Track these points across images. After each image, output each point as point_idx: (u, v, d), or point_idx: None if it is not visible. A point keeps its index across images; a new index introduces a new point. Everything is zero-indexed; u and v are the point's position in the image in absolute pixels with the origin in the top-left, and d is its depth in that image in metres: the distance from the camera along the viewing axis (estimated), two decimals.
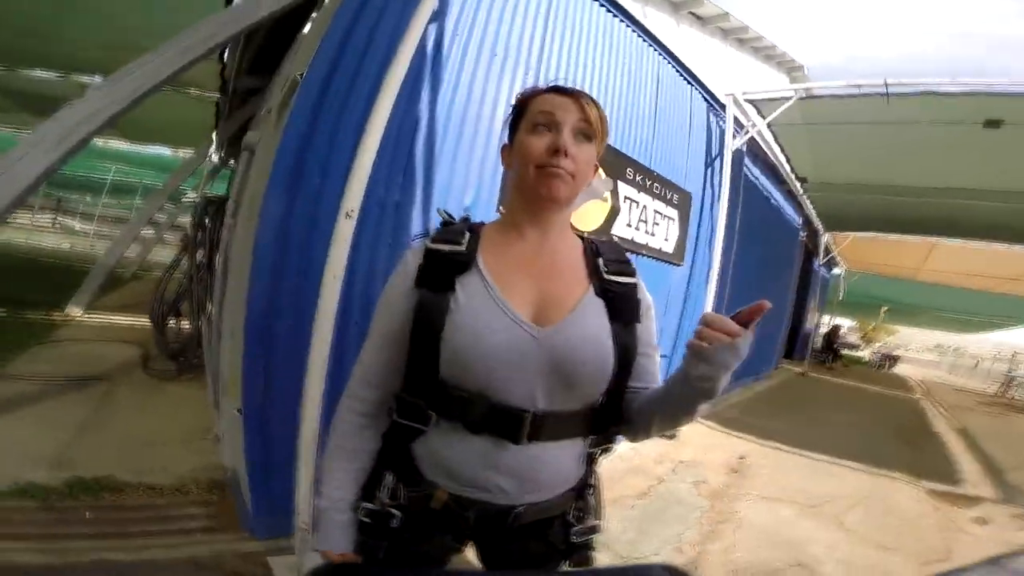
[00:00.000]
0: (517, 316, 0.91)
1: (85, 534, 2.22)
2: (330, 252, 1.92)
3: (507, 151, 1.03)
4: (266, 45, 4.35)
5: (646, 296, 1.03)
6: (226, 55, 4.86)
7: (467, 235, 0.97)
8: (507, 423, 0.91)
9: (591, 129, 0.95)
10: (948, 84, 4.53)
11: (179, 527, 2.38)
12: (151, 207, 7.71)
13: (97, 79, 5.82)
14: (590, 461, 1.04)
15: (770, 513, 3.62)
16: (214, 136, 7.00)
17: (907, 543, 3.43)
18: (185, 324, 5.22)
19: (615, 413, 1.01)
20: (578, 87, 3.05)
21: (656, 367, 1.06)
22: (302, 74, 2.18)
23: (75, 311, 6.19)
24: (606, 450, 1.05)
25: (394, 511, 0.94)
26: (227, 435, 2.76)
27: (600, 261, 1.00)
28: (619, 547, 2.87)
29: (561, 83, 1.01)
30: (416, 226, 2.58)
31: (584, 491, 1.04)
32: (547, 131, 0.93)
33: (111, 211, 20.82)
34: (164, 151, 11.84)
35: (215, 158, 7.58)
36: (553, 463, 0.96)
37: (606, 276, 0.98)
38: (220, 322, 3.14)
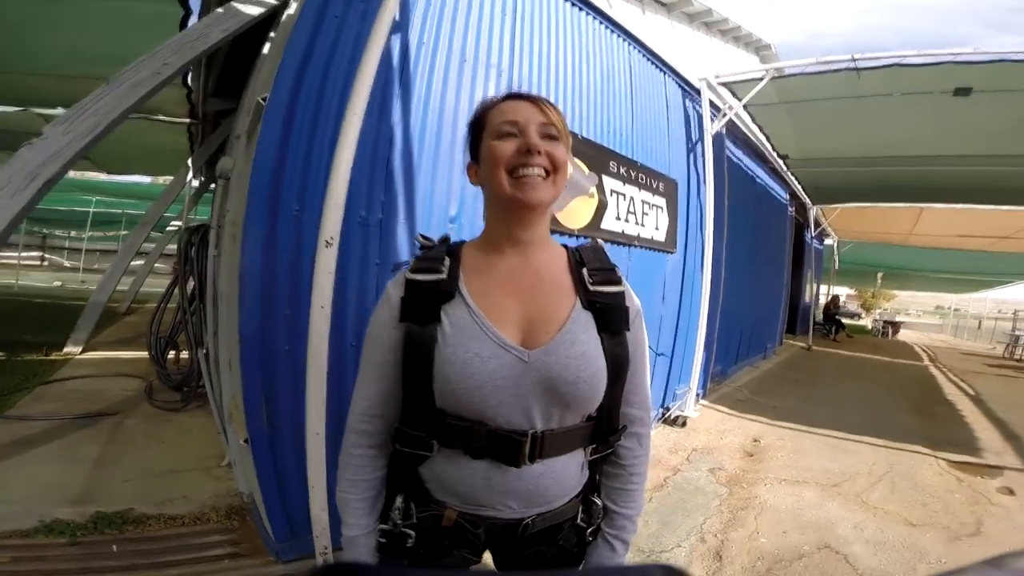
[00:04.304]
0: (505, 341, 0.90)
1: (116, 567, 2.27)
2: (314, 283, 1.88)
3: (473, 168, 1.01)
4: (229, 66, 4.29)
5: (634, 302, 1.02)
6: (189, 79, 4.81)
7: (447, 260, 0.95)
8: (507, 448, 0.91)
9: (555, 130, 0.93)
10: (914, 56, 4.56)
11: (205, 555, 2.41)
12: (136, 239, 7.63)
13: (60, 111, 5.76)
14: (592, 467, 1.05)
15: (791, 496, 3.59)
16: (190, 162, 6.96)
17: (936, 518, 3.38)
18: (184, 354, 5.19)
19: (612, 422, 1.01)
20: (552, 84, 3.03)
21: (644, 378, 1.05)
22: (265, 98, 2.13)
23: (74, 349, 6.15)
24: (606, 456, 1.05)
25: (408, 531, 0.96)
26: (239, 463, 2.76)
27: (585, 272, 0.98)
28: (641, 541, 2.85)
29: (516, 90, 1.00)
30: (403, 243, 2.54)
31: (590, 495, 1.04)
32: (513, 137, 0.91)
33: (97, 244, 20.70)
34: (143, 179, 11.82)
35: (195, 183, 7.49)
36: (557, 477, 0.96)
37: (591, 288, 0.96)
38: (218, 352, 3.09)
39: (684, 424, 4.99)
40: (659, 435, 4.73)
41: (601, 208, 3.92)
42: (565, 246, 1.04)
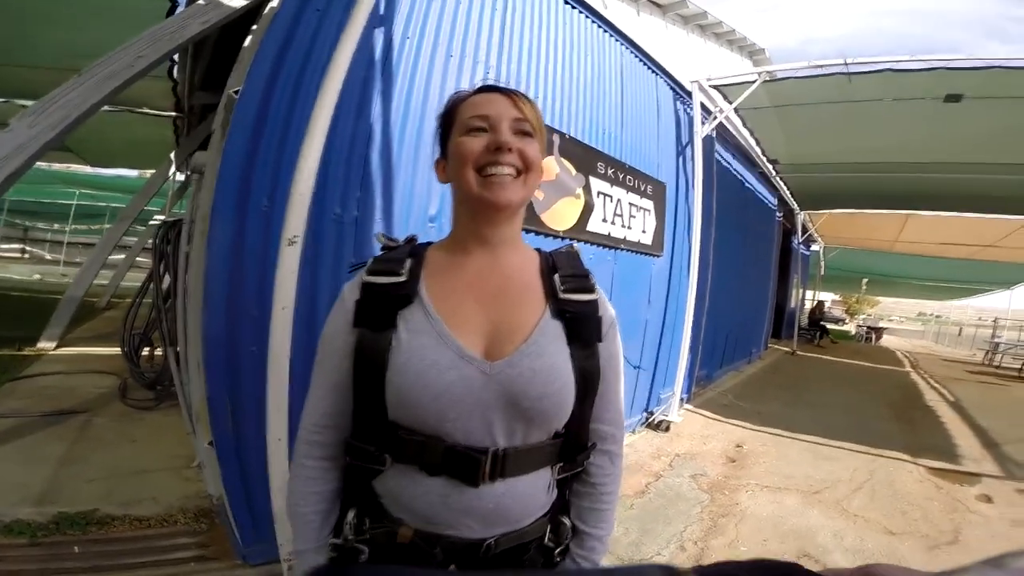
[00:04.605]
0: (465, 351, 0.83)
1: (78, 568, 2.23)
2: (276, 283, 1.82)
3: (442, 165, 0.94)
4: (216, 59, 4.19)
5: (608, 311, 0.95)
6: (175, 72, 4.70)
7: (408, 262, 0.88)
8: (465, 466, 0.83)
9: (529, 126, 0.87)
10: (907, 61, 4.58)
11: (170, 557, 2.36)
12: (115, 232, 7.48)
13: None
14: (561, 485, 0.97)
15: (773, 503, 3.58)
16: (172, 156, 6.84)
17: (915, 526, 3.38)
18: (159, 352, 5.08)
19: (581, 440, 0.94)
20: (540, 82, 2.96)
21: (617, 392, 0.99)
22: (237, 91, 2.05)
23: (48, 344, 6.02)
24: (576, 476, 0.98)
25: (361, 547, 0.89)
26: (207, 464, 2.69)
27: (556, 278, 0.91)
28: (620, 550, 2.82)
29: (491, 83, 0.94)
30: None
31: (558, 515, 0.97)
32: (483, 132, 0.85)
33: (81, 237, 20.35)
34: (128, 172, 11.60)
35: (180, 177, 7.37)
36: (520, 497, 0.89)
37: (562, 296, 0.90)
38: (187, 352, 3.02)
39: (668, 429, 4.96)
40: (642, 440, 4.70)
41: (587, 210, 3.88)
42: (538, 250, 0.98)
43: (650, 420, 5.04)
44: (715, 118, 5.53)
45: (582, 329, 0.89)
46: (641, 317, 4.85)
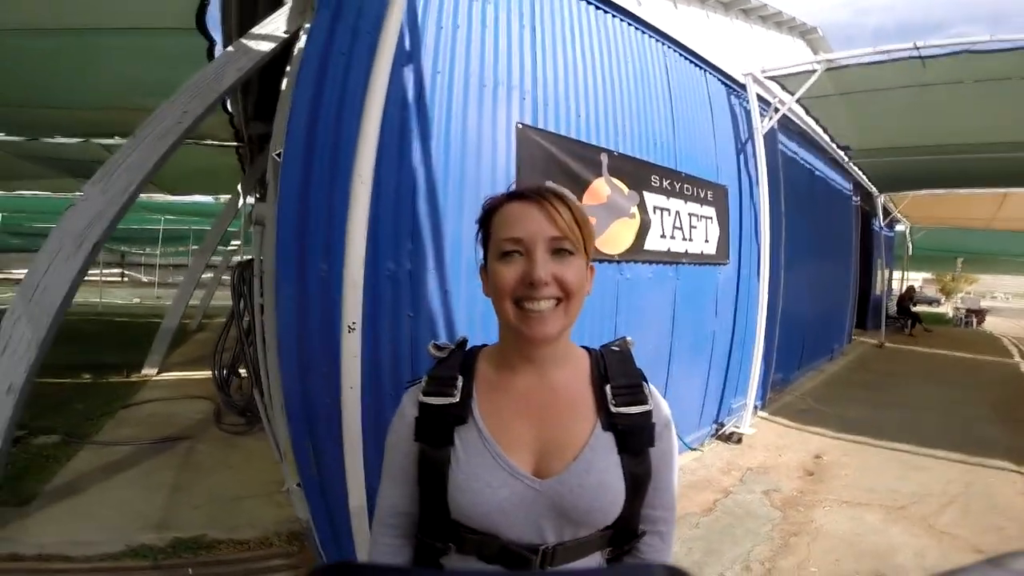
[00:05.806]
0: (517, 470, 0.88)
1: None
2: (341, 365, 1.92)
3: (485, 275, 0.95)
4: (265, 90, 4.34)
5: (662, 414, 0.95)
6: (229, 105, 4.92)
7: (459, 380, 0.93)
8: (518, 561, 0.90)
9: (568, 243, 0.85)
10: (986, 41, 4.18)
11: None
12: (198, 264, 8.23)
13: (118, 140, 6.17)
14: (612, 561, 1.01)
15: (850, 519, 3.40)
16: (239, 187, 7.29)
17: (1008, 545, 3.08)
18: (246, 376, 5.45)
19: (632, 528, 0.97)
20: (581, 99, 2.85)
21: (670, 482, 0.99)
22: (279, 153, 2.13)
23: (151, 371, 6.67)
24: (628, 551, 1.01)
25: None
26: (295, 496, 2.90)
27: (608, 390, 0.92)
28: None
29: (519, 188, 0.95)
30: (434, 294, 2.50)
31: None
32: (518, 256, 0.85)
33: (170, 260, 22.31)
34: (204, 199, 12.52)
35: (251, 200, 7.89)
36: None
37: (614, 410, 0.91)
38: (271, 391, 3.25)
39: (740, 441, 4.79)
40: (711, 453, 4.57)
41: (644, 228, 3.78)
42: (587, 350, 0.99)
43: (720, 432, 4.88)
44: (776, 111, 5.23)
45: (634, 440, 0.91)
46: (708, 330, 4.71)
